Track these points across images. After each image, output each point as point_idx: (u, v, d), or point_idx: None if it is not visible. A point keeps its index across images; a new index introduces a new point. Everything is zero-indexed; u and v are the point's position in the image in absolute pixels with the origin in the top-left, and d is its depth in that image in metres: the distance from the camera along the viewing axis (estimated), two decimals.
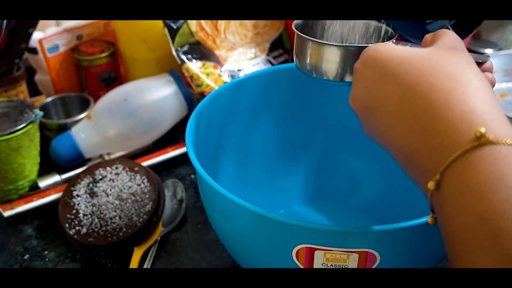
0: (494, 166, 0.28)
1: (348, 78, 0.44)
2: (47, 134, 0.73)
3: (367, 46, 0.40)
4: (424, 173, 0.31)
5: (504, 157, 0.28)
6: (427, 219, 0.32)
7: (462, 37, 0.40)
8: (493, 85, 0.37)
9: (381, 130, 0.35)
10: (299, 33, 0.45)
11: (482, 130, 0.29)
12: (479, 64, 0.37)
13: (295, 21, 0.47)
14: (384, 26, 0.47)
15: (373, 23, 0.47)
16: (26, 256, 0.60)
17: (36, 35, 0.77)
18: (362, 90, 0.36)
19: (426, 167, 0.31)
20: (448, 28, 0.47)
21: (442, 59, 0.33)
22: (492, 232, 0.26)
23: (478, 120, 0.30)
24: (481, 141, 0.28)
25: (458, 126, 0.30)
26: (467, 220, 0.27)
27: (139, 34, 0.77)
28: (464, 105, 0.30)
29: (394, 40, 0.43)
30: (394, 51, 0.35)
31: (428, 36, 0.39)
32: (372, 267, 0.41)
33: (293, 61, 0.48)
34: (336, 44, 0.43)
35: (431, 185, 0.30)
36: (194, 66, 0.73)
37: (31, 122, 0.64)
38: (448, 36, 0.36)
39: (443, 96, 0.31)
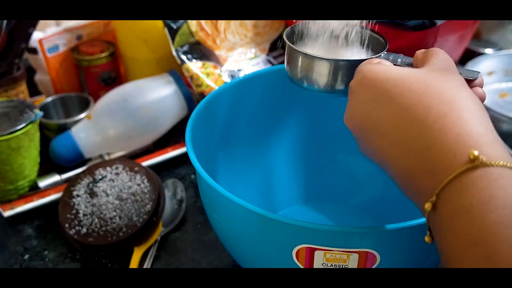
0: (487, 189, 0.28)
1: (339, 89, 0.44)
2: (47, 134, 0.73)
3: (357, 60, 0.41)
4: (421, 194, 0.32)
5: (497, 179, 0.29)
6: (425, 238, 0.33)
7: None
8: (482, 100, 0.37)
9: (378, 151, 0.35)
10: (290, 44, 0.45)
11: (476, 152, 0.29)
12: (471, 81, 0.38)
13: (286, 30, 0.47)
14: (375, 36, 0.47)
15: (366, 32, 0.47)
16: (26, 256, 0.60)
17: (36, 35, 0.77)
18: (357, 110, 0.36)
19: (423, 188, 0.32)
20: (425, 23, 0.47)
21: (435, 81, 0.34)
22: (485, 253, 0.27)
23: (472, 143, 0.30)
24: (474, 164, 0.29)
25: (454, 149, 0.30)
26: (461, 241, 0.28)
27: (139, 34, 0.77)
28: (459, 129, 0.31)
29: (385, 52, 0.43)
30: (388, 71, 0.35)
31: (419, 54, 0.39)
32: (372, 267, 0.41)
33: None
34: (327, 58, 0.43)
35: (427, 206, 0.31)
36: (194, 66, 0.73)
37: (31, 122, 0.64)
38: (440, 56, 0.37)
39: (439, 120, 0.32)
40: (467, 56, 0.88)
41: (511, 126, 0.74)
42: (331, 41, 0.47)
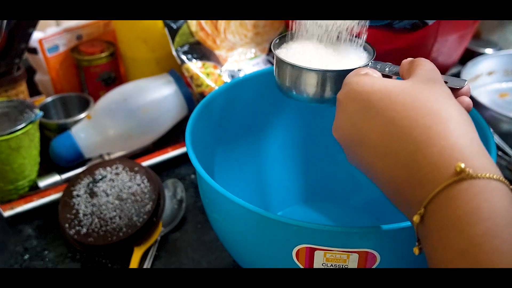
0: (473, 201, 0.29)
1: (327, 98, 0.44)
2: (47, 134, 0.73)
3: (345, 70, 0.41)
4: (409, 206, 0.33)
5: (482, 191, 0.29)
6: (413, 249, 0.33)
7: None
8: (468, 109, 0.37)
9: (366, 163, 0.36)
10: (277, 55, 0.45)
11: (462, 165, 0.30)
12: (457, 89, 0.38)
13: (274, 40, 0.47)
14: (364, 44, 0.46)
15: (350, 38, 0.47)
16: (26, 256, 0.60)
17: (36, 35, 0.77)
18: (345, 122, 0.37)
19: (411, 200, 0.32)
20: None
21: (421, 93, 0.34)
22: (471, 264, 0.27)
23: (457, 155, 0.31)
24: (460, 176, 0.30)
25: (439, 161, 0.31)
26: (448, 252, 0.29)
27: (139, 34, 0.77)
28: (445, 141, 0.31)
29: (372, 61, 0.43)
30: (375, 84, 0.36)
31: (404, 64, 0.40)
32: (372, 267, 0.41)
33: None
34: (314, 68, 0.43)
35: (416, 218, 0.31)
36: (194, 66, 0.73)
37: (31, 122, 0.64)
38: (425, 67, 0.37)
39: (425, 132, 0.32)
40: (467, 56, 0.88)
41: (511, 126, 0.74)
42: (322, 42, 0.46)
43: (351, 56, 0.45)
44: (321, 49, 0.46)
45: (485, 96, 0.86)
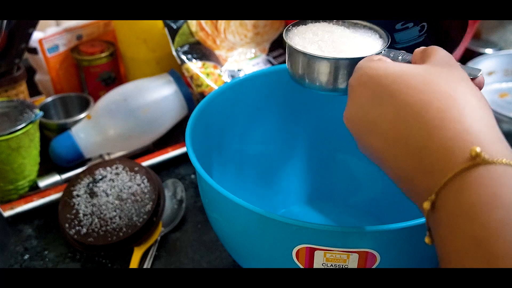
0: (488, 187, 0.27)
1: (340, 87, 0.43)
2: (47, 134, 0.73)
3: (358, 58, 0.39)
4: (420, 193, 0.31)
5: (499, 177, 0.28)
6: (425, 239, 0.32)
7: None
8: None
9: (376, 151, 0.34)
10: (289, 43, 0.44)
11: (478, 149, 0.28)
12: (471, 79, 0.37)
13: (286, 27, 0.46)
14: (378, 29, 0.46)
15: (365, 24, 0.46)
16: (26, 256, 0.60)
17: (36, 35, 0.77)
18: (357, 109, 0.35)
19: (422, 188, 0.31)
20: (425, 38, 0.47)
21: (437, 76, 0.33)
22: (486, 253, 0.26)
23: (473, 139, 0.29)
24: (476, 161, 0.28)
25: (453, 146, 0.29)
26: (461, 242, 0.27)
27: (139, 34, 0.77)
28: (459, 125, 0.30)
29: (386, 49, 0.42)
30: (388, 68, 0.34)
31: (417, 52, 0.38)
32: (372, 267, 0.41)
33: None
34: (327, 56, 0.42)
35: (426, 205, 0.30)
36: (194, 66, 0.73)
37: (31, 122, 0.64)
38: (440, 53, 0.36)
39: (438, 115, 0.31)
40: (467, 56, 0.88)
41: (511, 126, 0.74)
42: (336, 27, 0.46)
43: (365, 43, 0.44)
44: (335, 34, 0.45)
45: (485, 96, 0.86)
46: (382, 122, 0.33)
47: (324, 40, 0.44)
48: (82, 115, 0.73)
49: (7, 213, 0.63)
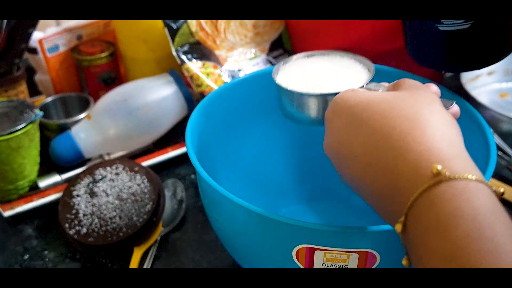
0: (452, 202, 0.28)
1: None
2: (47, 134, 0.73)
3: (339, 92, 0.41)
4: (392, 215, 0.32)
5: (461, 192, 0.28)
6: (402, 261, 0.33)
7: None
8: None
9: (353, 176, 0.35)
10: (277, 82, 0.45)
11: (439, 167, 0.29)
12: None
13: (275, 67, 0.48)
14: (366, 62, 0.47)
15: (356, 60, 0.47)
16: (26, 256, 0.60)
17: (36, 35, 0.77)
18: (334, 138, 0.37)
19: (394, 210, 0.32)
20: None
21: (402, 101, 0.34)
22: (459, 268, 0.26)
23: (434, 158, 0.30)
24: (438, 178, 0.29)
25: (417, 166, 0.30)
26: (434, 258, 0.28)
27: (139, 34, 0.77)
28: (421, 145, 0.31)
29: (368, 83, 0.44)
30: (358, 97, 0.36)
31: (391, 84, 0.40)
32: (372, 267, 0.41)
33: None
34: (313, 93, 0.43)
35: (398, 227, 0.31)
36: (194, 66, 0.73)
37: (31, 122, 0.64)
38: (409, 81, 0.38)
39: (401, 138, 0.32)
40: None
41: (511, 126, 0.75)
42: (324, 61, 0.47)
43: (351, 77, 0.45)
44: (323, 69, 0.47)
45: (485, 96, 0.86)
46: (356, 147, 0.35)
47: (312, 75, 0.46)
48: (82, 115, 0.73)
49: (7, 213, 0.63)
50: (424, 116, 0.33)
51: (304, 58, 0.49)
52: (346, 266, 0.41)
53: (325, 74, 0.46)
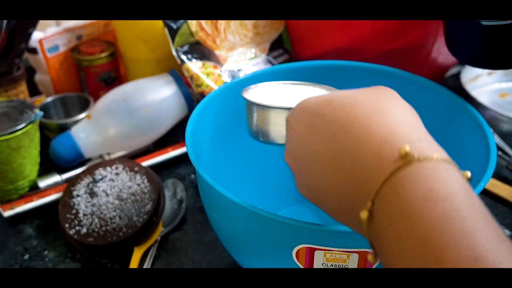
0: (423, 184, 0.26)
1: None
2: (47, 134, 0.73)
3: None
4: (356, 210, 0.30)
5: (432, 172, 0.27)
6: (368, 257, 0.31)
7: None
8: None
9: (314, 182, 0.34)
10: (246, 97, 0.45)
11: (407, 147, 0.28)
12: None
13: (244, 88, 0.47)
14: (331, 89, 0.46)
15: (327, 90, 0.46)
16: (26, 256, 0.60)
17: (36, 35, 0.77)
18: (296, 143, 0.36)
19: (357, 202, 0.30)
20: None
21: (363, 95, 0.33)
22: (433, 249, 0.25)
23: (400, 139, 0.29)
24: (406, 160, 0.28)
25: (381, 149, 0.29)
26: (407, 245, 0.26)
27: (139, 34, 0.77)
28: (385, 128, 0.30)
29: None
30: (317, 98, 0.35)
31: None
32: (372, 267, 0.41)
33: (292, 61, 0.47)
34: (280, 106, 0.42)
35: (363, 214, 0.28)
36: (194, 66, 0.73)
37: (31, 122, 0.64)
38: (371, 87, 0.36)
39: (363, 124, 0.31)
40: None
41: (511, 126, 0.75)
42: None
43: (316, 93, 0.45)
44: (292, 91, 0.46)
45: (485, 96, 0.86)
46: (316, 145, 0.33)
47: (281, 94, 0.45)
48: (82, 115, 0.73)
49: (7, 213, 0.63)
50: (386, 105, 0.32)
51: (276, 84, 0.48)
52: (346, 266, 0.41)
53: (295, 94, 0.45)
